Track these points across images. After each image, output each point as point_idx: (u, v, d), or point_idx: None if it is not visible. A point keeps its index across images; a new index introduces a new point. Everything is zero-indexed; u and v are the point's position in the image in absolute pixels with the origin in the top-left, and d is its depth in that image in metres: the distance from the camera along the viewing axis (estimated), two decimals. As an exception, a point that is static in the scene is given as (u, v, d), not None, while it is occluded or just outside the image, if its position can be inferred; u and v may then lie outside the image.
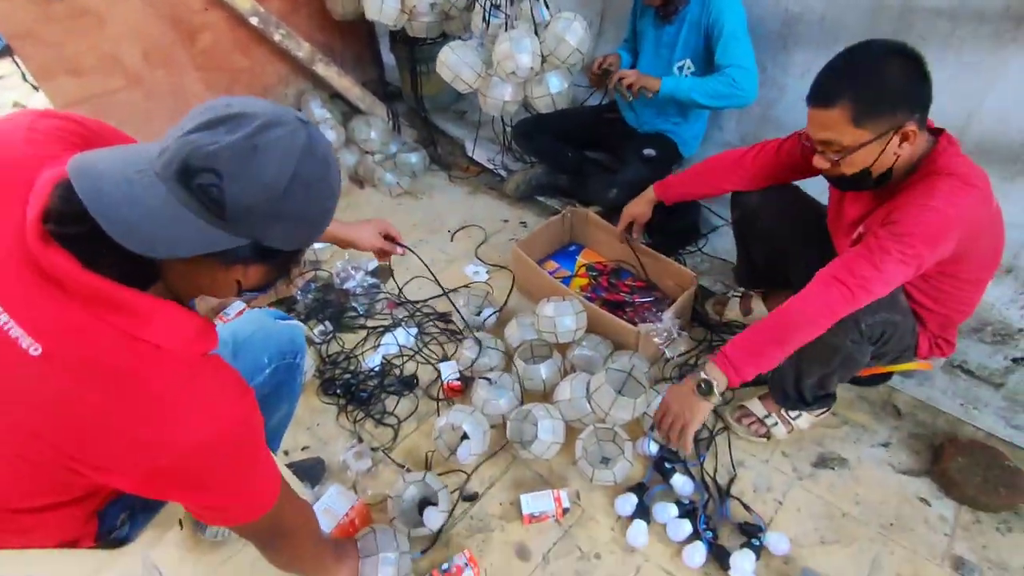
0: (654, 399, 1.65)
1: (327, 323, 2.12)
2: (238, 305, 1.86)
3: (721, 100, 1.98)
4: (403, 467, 1.67)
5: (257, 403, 0.84)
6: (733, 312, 1.99)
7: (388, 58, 3.32)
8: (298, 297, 2.22)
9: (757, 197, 1.69)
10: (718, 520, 1.49)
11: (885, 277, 1.19)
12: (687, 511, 1.48)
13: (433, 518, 1.48)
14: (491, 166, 2.85)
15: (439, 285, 1.87)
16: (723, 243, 2.30)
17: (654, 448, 1.60)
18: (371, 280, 2.29)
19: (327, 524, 1.48)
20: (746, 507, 1.51)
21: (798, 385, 1.53)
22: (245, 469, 0.85)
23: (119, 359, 0.72)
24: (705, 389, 1.28)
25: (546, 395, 1.78)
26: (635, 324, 1.79)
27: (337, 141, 2.88)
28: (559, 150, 2.55)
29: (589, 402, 1.62)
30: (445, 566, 1.43)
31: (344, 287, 2.27)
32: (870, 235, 1.23)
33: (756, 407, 1.68)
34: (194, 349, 0.78)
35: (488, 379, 1.77)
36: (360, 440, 1.77)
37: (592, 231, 2.26)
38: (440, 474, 1.67)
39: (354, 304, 2.20)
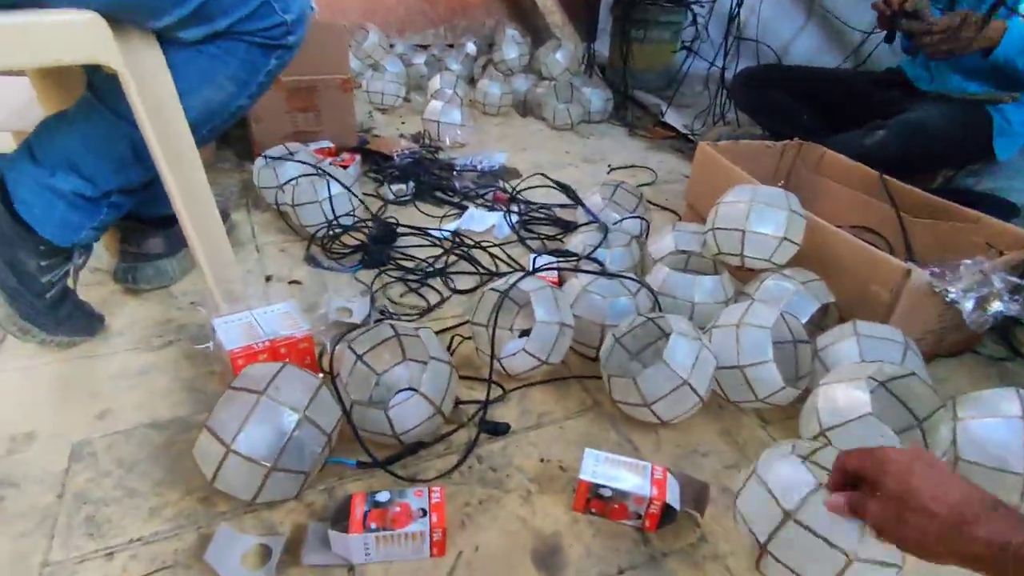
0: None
1: (409, 183, 1.54)
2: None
3: None
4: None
5: None
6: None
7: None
8: (396, 160, 1.69)
9: None
10: None
11: None
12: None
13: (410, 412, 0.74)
14: (685, 130, 2.19)
15: (560, 187, 1.31)
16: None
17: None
18: (489, 167, 1.70)
19: (233, 338, 0.82)
20: None
21: None
22: None
23: None
24: None
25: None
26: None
27: (518, 64, 2.44)
28: (794, 109, 1.81)
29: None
30: (383, 495, 0.67)
31: (451, 161, 1.71)
32: None
33: None
34: None
35: (599, 261, 1.03)
36: (373, 300, 1.10)
37: (823, 185, 1.46)
38: (464, 377, 0.93)
39: (455, 182, 1.61)
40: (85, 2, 0.66)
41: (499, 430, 0.84)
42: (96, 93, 0.83)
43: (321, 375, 0.87)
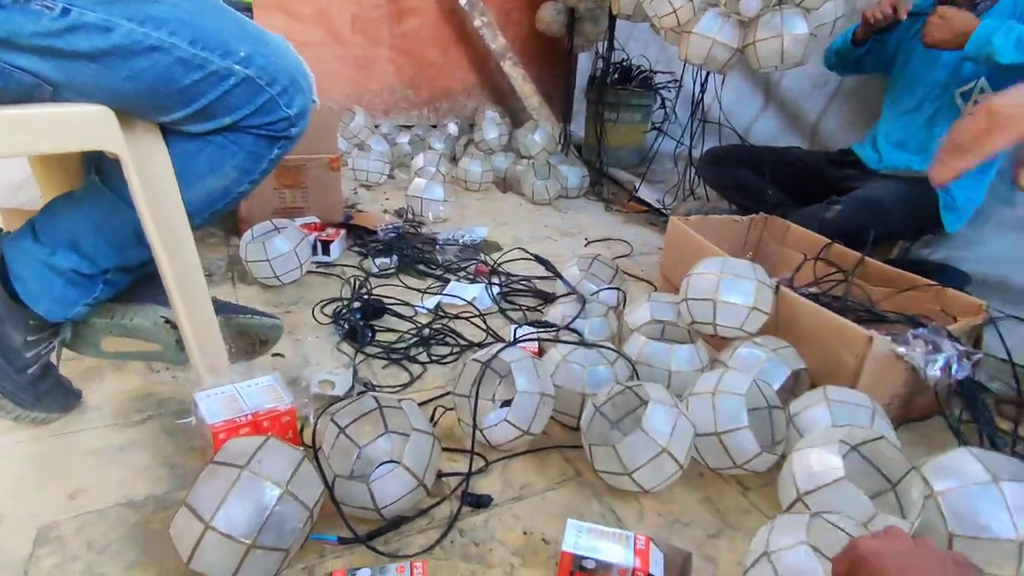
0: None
1: (392, 257, 1.59)
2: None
3: None
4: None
5: None
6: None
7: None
8: (380, 234, 1.74)
9: None
10: None
11: None
12: None
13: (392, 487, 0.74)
14: (658, 205, 2.30)
15: (540, 261, 1.44)
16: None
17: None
18: (471, 241, 1.76)
19: (215, 410, 0.82)
20: None
21: None
22: None
23: None
24: None
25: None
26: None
27: (498, 143, 2.57)
28: (759, 187, 1.92)
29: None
30: (364, 573, 0.66)
31: (434, 236, 1.76)
32: None
33: None
34: None
35: (578, 332, 1.06)
36: (355, 373, 1.11)
37: (790, 256, 1.53)
38: (447, 449, 0.93)
39: (437, 255, 1.66)
40: (97, 98, 0.71)
41: (481, 502, 0.84)
42: (103, 177, 0.86)
43: (303, 448, 0.87)
